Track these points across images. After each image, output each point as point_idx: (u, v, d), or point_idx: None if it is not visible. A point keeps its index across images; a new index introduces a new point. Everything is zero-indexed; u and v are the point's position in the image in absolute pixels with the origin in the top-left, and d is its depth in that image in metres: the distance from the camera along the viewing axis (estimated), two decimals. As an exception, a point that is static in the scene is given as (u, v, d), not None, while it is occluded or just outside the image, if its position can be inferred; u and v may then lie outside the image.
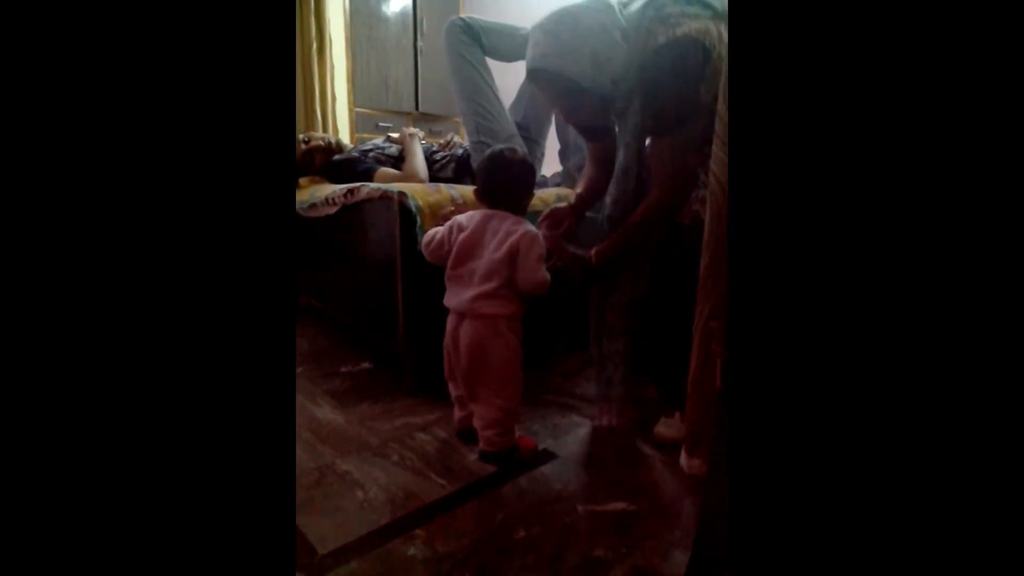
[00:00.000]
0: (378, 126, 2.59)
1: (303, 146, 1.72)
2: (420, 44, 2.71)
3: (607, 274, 1.03)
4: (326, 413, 1.17)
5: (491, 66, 1.56)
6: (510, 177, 0.97)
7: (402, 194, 1.19)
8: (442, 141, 1.77)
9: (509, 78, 1.71)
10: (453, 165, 1.64)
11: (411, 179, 1.51)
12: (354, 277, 1.49)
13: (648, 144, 0.97)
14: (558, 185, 1.67)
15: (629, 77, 0.95)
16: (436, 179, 1.59)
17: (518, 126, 1.57)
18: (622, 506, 0.85)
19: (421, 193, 1.20)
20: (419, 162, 1.58)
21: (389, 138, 1.78)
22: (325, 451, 1.01)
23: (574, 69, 0.92)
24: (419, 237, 1.14)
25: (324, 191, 1.48)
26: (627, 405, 1.07)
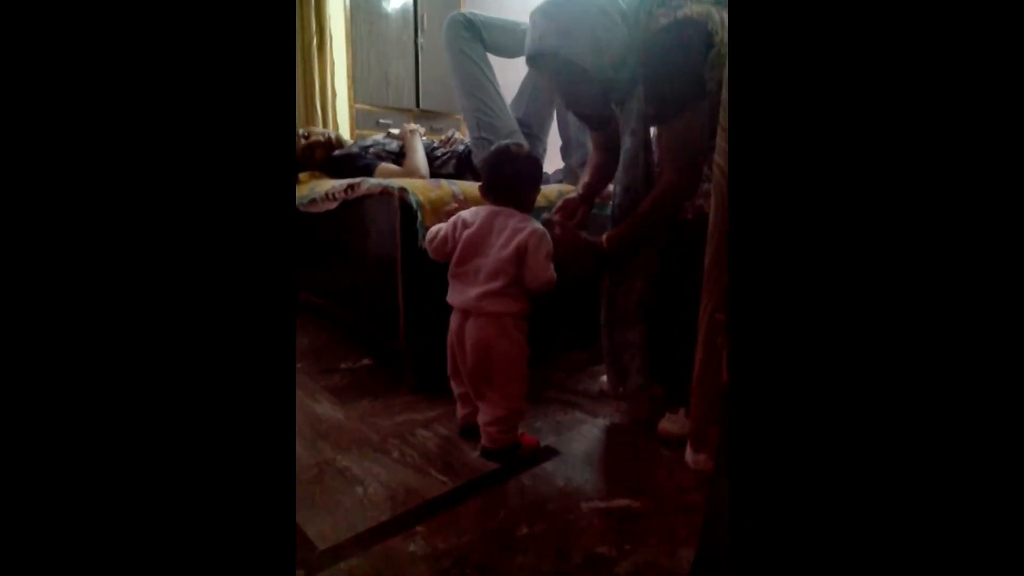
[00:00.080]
0: (378, 123, 2.58)
1: (303, 141, 1.71)
2: (421, 40, 2.70)
3: (619, 262, 1.02)
4: (326, 409, 1.16)
5: (492, 62, 1.56)
6: (516, 173, 0.96)
7: (403, 190, 1.18)
8: (443, 137, 1.76)
9: (510, 74, 1.71)
10: (454, 161, 1.63)
11: (412, 175, 1.50)
12: (354, 273, 1.48)
13: (655, 131, 0.96)
14: (560, 182, 1.66)
15: (630, 61, 0.93)
16: (437, 175, 1.58)
17: (519, 122, 1.56)
18: (625, 503, 0.84)
19: (422, 189, 1.19)
20: (420, 158, 1.57)
21: (390, 134, 1.77)
22: (325, 447, 1.00)
23: (573, 51, 0.91)
24: (420, 233, 1.14)
25: (324, 186, 1.48)
26: (644, 396, 1.05)
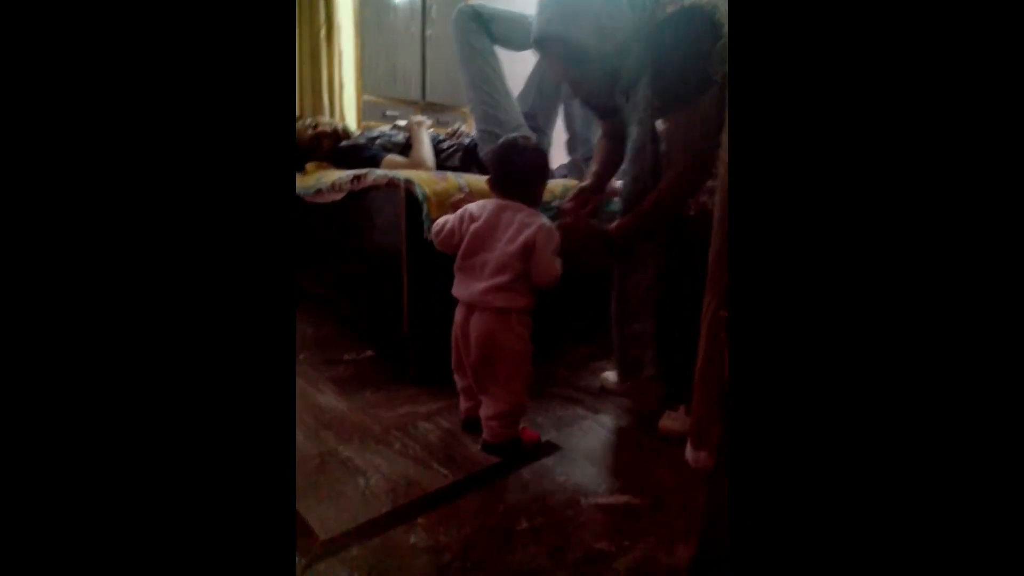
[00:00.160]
0: (385, 114, 2.57)
1: (310, 131, 1.71)
2: (428, 32, 2.69)
3: (628, 251, 1.02)
4: (329, 400, 1.17)
5: (500, 55, 1.55)
6: (524, 166, 0.95)
7: (409, 182, 1.18)
8: (449, 130, 1.76)
9: (518, 67, 1.70)
10: (460, 154, 1.63)
11: (418, 167, 1.50)
12: (359, 264, 1.48)
13: (663, 122, 0.95)
14: (564, 177, 1.65)
15: (636, 48, 0.93)
16: (443, 168, 1.57)
17: (526, 116, 1.55)
18: (625, 499, 0.84)
19: (428, 181, 1.19)
20: (426, 150, 1.57)
21: (396, 126, 1.76)
22: (327, 437, 1.01)
23: (578, 36, 0.91)
24: (426, 225, 1.13)
25: (330, 177, 1.47)
26: (653, 387, 1.04)
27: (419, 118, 1.67)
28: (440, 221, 0.98)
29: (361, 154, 1.60)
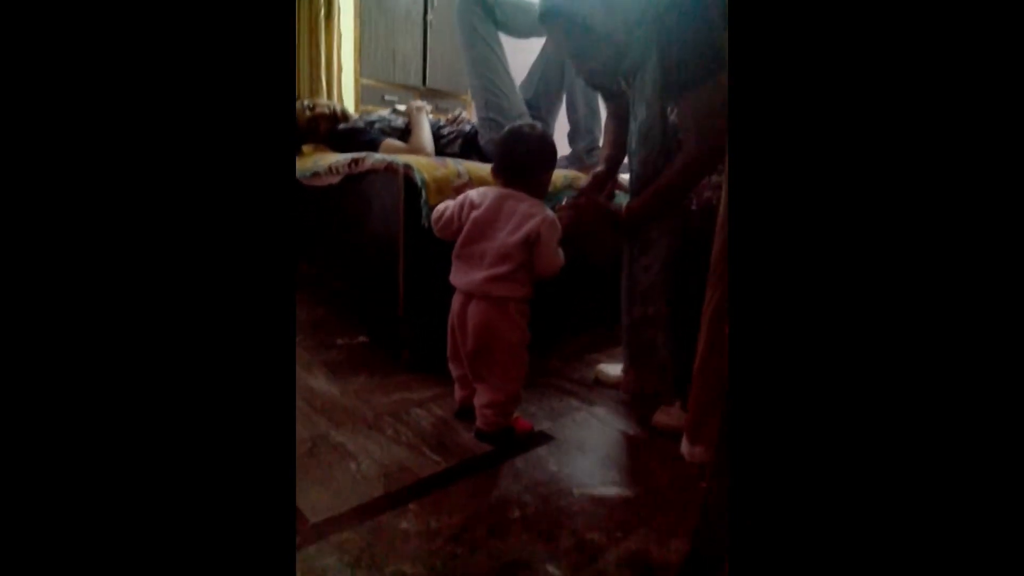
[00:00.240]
0: (384, 99, 2.54)
1: (308, 112, 1.68)
2: (430, 17, 2.65)
3: (638, 232, 1.01)
4: (321, 384, 1.16)
5: (504, 43, 1.53)
6: (529, 153, 0.94)
7: (408, 166, 1.16)
8: (449, 116, 1.74)
9: (520, 56, 1.68)
10: (460, 141, 1.61)
11: (417, 152, 1.48)
12: (355, 249, 1.47)
13: (673, 104, 0.92)
14: (566, 168, 1.64)
15: (645, 23, 0.91)
16: (442, 155, 1.56)
17: (528, 105, 1.54)
18: (618, 491, 0.84)
19: (427, 167, 1.17)
20: (426, 136, 1.55)
21: (396, 110, 1.74)
22: (319, 421, 1.00)
23: (584, 9, 0.90)
24: (424, 211, 1.12)
25: (327, 160, 1.45)
26: (667, 372, 1.01)
27: (419, 103, 1.65)
28: (440, 208, 0.97)
29: (359, 137, 1.58)
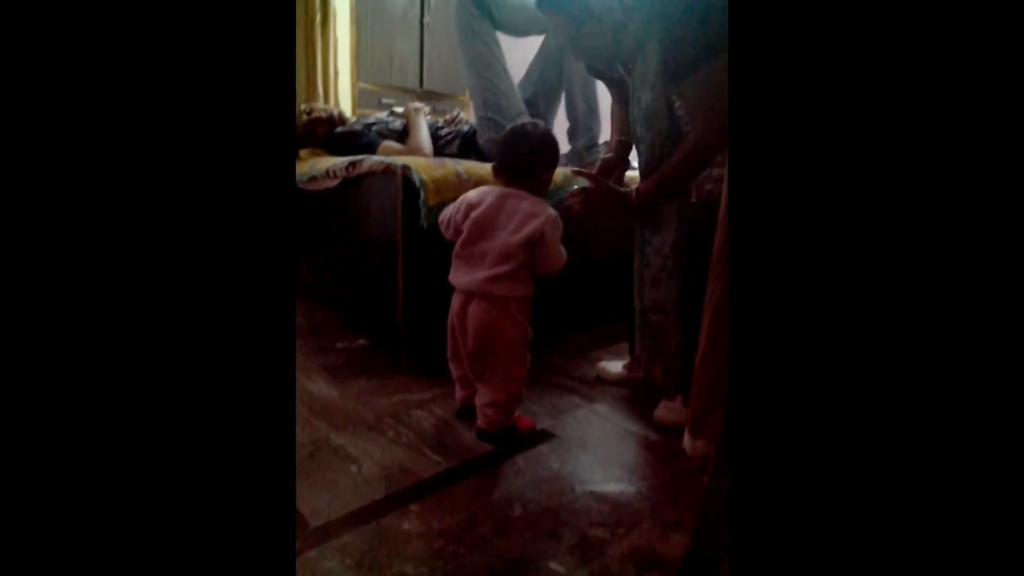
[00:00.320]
0: (381, 102, 2.54)
1: (305, 117, 1.68)
2: (426, 19, 2.65)
3: (649, 215, 1.00)
4: (321, 387, 1.15)
5: (502, 42, 1.53)
6: (531, 151, 0.93)
7: (406, 168, 1.16)
8: (447, 117, 1.74)
9: (519, 55, 1.68)
10: (458, 142, 1.61)
11: (415, 154, 1.48)
12: (354, 252, 1.46)
13: (677, 86, 0.91)
14: (565, 165, 1.64)
15: (644, 4, 0.90)
16: (441, 156, 1.56)
17: (527, 103, 1.54)
18: (620, 488, 0.83)
19: (426, 167, 1.17)
20: (424, 137, 1.55)
21: (393, 112, 1.74)
22: (319, 425, 0.99)
23: None
24: (423, 211, 1.12)
25: (325, 163, 1.45)
26: (676, 359, 1.00)
27: (417, 104, 1.65)
28: (445, 212, 0.97)
29: (357, 140, 1.58)
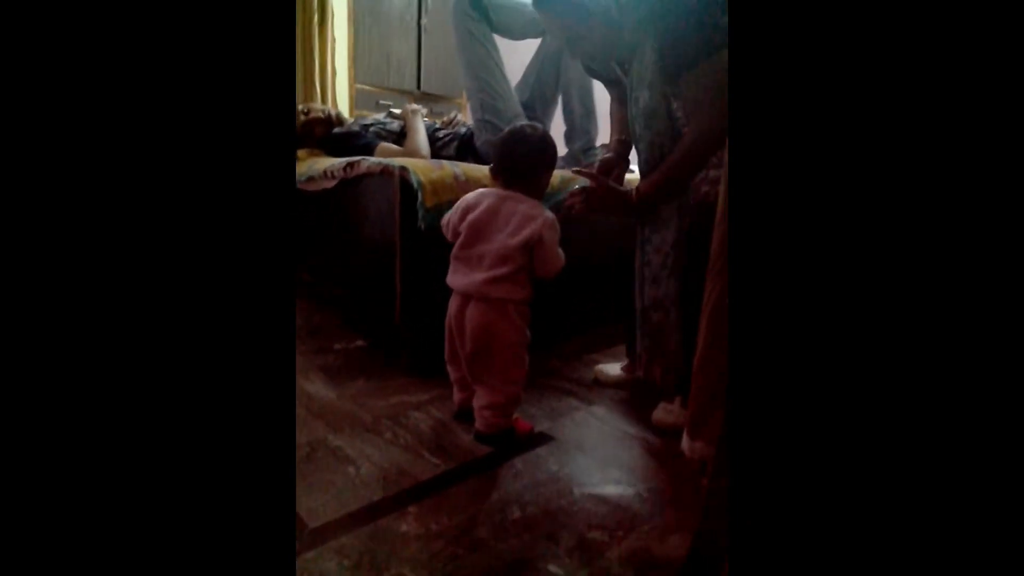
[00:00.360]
0: (378, 103, 2.54)
1: (302, 117, 1.68)
2: (424, 21, 2.66)
3: (649, 212, 1.00)
4: (319, 388, 1.15)
5: (500, 45, 1.53)
6: (528, 154, 0.94)
7: (403, 169, 1.16)
8: (445, 119, 1.74)
9: (516, 58, 1.68)
10: (456, 143, 1.61)
11: (413, 155, 1.48)
12: (351, 253, 1.46)
13: (675, 86, 0.91)
14: (562, 168, 1.64)
15: (641, 4, 0.90)
16: (438, 157, 1.56)
17: (524, 106, 1.54)
18: (619, 490, 0.83)
19: (423, 169, 1.17)
20: (421, 138, 1.55)
21: (391, 113, 1.74)
22: (317, 426, 0.99)
23: None
24: (420, 212, 1.12)
25: (323, 164, 1.45)
26: (678, 356, 0.99)
27: (414, 106, 1.65)
28: (445, 217, 0.98)
29: (355, 141, 1.58)
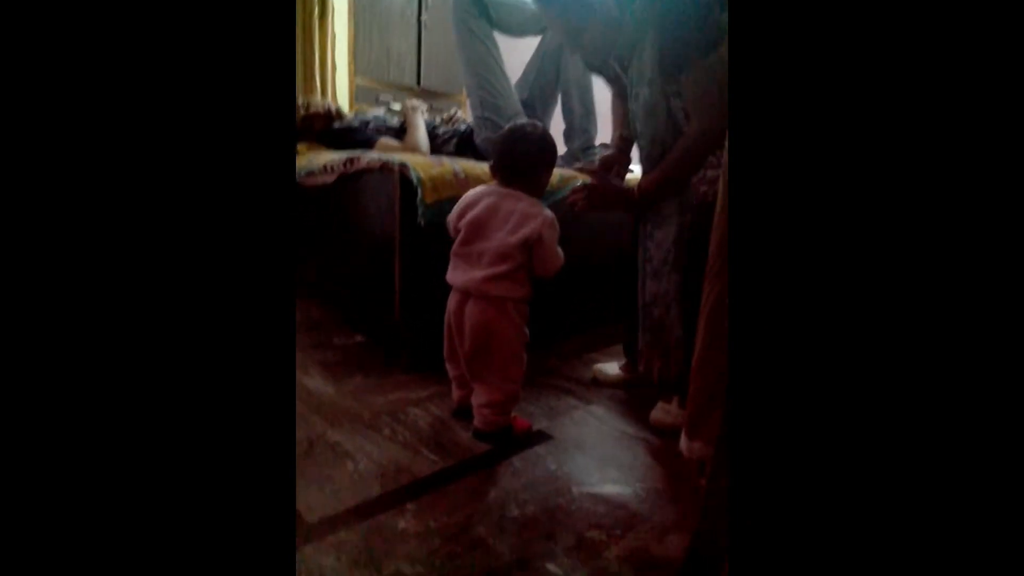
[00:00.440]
0: (378, 99, 2.53)
1: (302, 111, 1.67)
2: (424, 17, 2.64)
3: (650, 208, 1.00)
4: (318, 384, 1.15)
5: (500, 43, 1.53)
6: (528, 152, 0.94)
7: (403, 165, 1.16)
8: (445, 115, 1.74)
9: (516, 55, 1.68)
10: (455, 140, 1.61)
11: (412, 151, 1.48)
12: (350, 248, 1.46)
13: (675, 83, 0.91)
14: (562, 167, 1.64)
15: (641, 1, 0.91)
16: (438, 153, 1.55)
17: (524, 104, 1.54)
18: (617, 489, 0.84)
19: (423, 165, 1.17)
20: (421, 135, 1.55)
21: (391, 109, 1.74)
22: (316, 421, 0.99)
23: None
24: (420, 208, 1.12)
25: (322, 159, 1.45)
26: (679, 351, 0.98)
27: (414, 102, 1.65)
28: (450, 216, 0.98)
29: (354, 137, 1.57)
